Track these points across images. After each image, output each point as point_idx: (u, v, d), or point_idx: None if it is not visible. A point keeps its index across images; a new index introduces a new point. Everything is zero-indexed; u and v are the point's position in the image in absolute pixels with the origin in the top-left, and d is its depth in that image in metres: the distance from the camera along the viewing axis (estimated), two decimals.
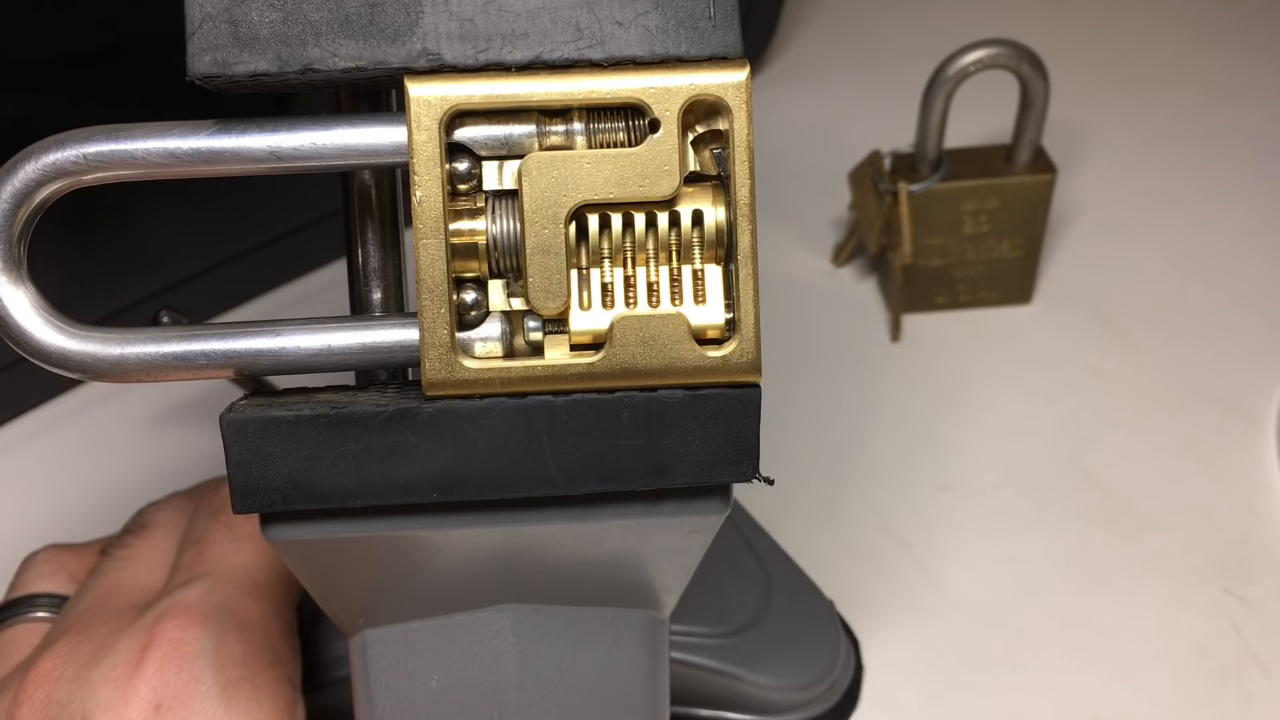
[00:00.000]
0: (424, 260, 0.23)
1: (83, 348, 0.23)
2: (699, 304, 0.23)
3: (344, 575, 0.26)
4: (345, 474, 0.23)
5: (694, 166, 0.24)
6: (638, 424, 0.23)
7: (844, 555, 0.45)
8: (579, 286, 0.23)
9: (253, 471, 0.23)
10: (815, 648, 0.40)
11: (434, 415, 0.23)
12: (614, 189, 0.23)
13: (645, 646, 0.28)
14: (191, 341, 0.23)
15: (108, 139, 0.23)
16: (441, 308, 0.23)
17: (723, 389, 0.23)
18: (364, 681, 0.28)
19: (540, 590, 0.27)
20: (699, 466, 0.24)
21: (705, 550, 0.27)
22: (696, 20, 0.23)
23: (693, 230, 0.23)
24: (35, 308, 0.23)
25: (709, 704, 0.39)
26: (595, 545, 0.26)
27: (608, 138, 0.23)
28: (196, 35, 0.22)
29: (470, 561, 0.26)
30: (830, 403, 0.52)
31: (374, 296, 0.28)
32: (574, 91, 0.23)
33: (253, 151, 0.23)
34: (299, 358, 0.24)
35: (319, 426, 0.23)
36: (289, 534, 0.24)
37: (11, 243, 0.23)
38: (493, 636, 0.27)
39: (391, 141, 0.23)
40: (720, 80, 0.23)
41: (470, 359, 0.23)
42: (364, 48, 0.23)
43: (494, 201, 0.23)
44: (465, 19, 0.23)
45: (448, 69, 0.23)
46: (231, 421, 0.23)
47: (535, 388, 0.23)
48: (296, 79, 0.23)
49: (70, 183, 0.23)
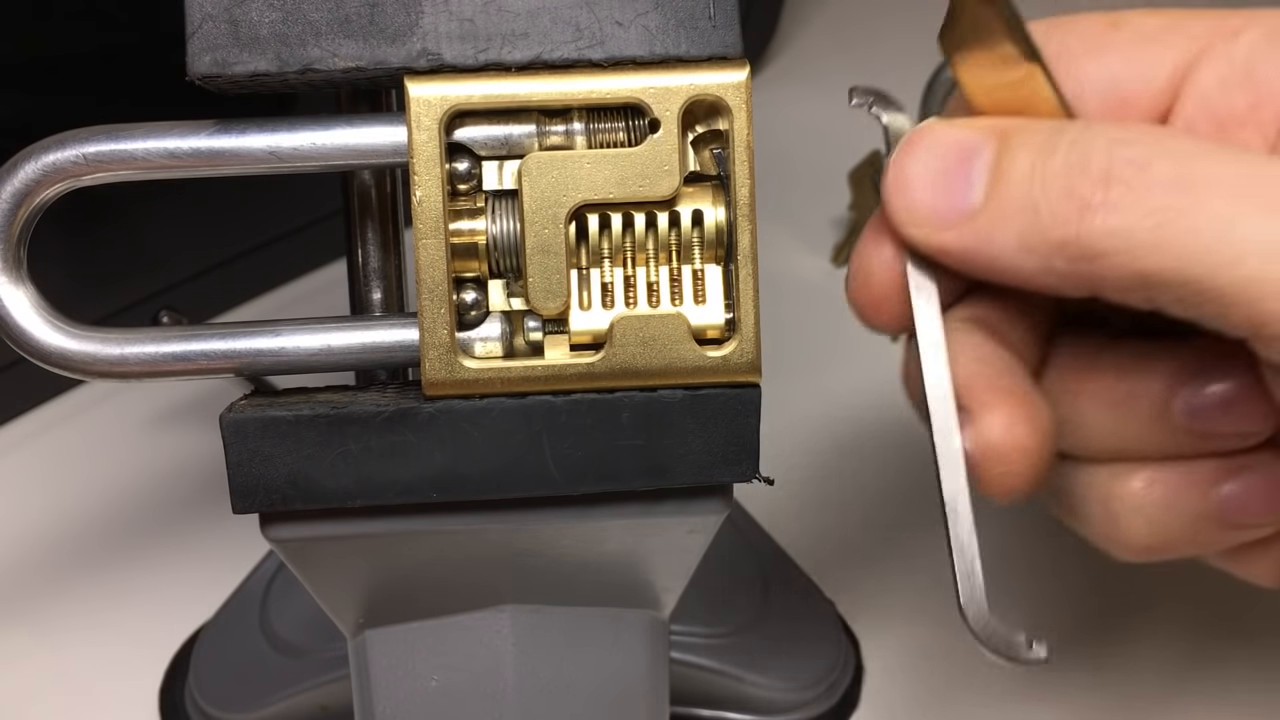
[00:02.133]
0: (424, 260, 0.23)
1: (83, 348, 0.23)
2: (699, 304, 0.23)
3: (344, 575, 0.26)
4: (345, 474, 0.23)
5: (694, 166, 0.24)
6: (638, 424, 0.23)
7: (844, 555, 0.45)
8: (579, 286, 0.23)
9: (253, 471, 0.23)
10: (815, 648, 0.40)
11: (434, 415, 0.23)
12: (614, 189, 0.23)
13: (645, 646, 0.28)
14: (191, 341, 0.23)
15: (107, 139, 0.23)
16: (441, 308, 0.23)
17: (723, 389, 0.23)
18: (364, 681, 0.28)
19: (540, 590, 0.27)
20: (699, 466, 0.24)
21: (705, 550, 0.27)
22: (696, 20, 0.23)
23: (693, 230, 0.23)
24: (35, 308, 0.23)
25: (709, 704, 0.39)
26: (595, 545, 0.26)
27: (608, 138, 0.23)
28: (196, 35, 0.22)
29: (470, 561, 0.26)
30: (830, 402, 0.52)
31: (374, 296, 0.28)
32: (574, 91, 0.23)
33: (253, 151, 0.23)
34: (299, 358, 0.24)
35: (319, 426, 0.23)
36: (289, 534, 0.24)
37: (11, 243, 0.23)
38: (493, 636, 0.27)
39: (391, 141, 0.23)
40: (720, 80, 0.23)
41: (470, 359, 0.23)
42: (364, 48, 0.23)
43: (494, 201, 0.23)
44: (465, 19, 0.23)
45: (448, 69, 0.23)
46: (231, 421, 0.23)
47: (535, 388, 0.23)
48: (296, 79, 0.23)
49: (70, 183, 0.23)
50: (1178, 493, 0.26)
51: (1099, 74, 0.26)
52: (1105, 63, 0.26)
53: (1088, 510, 0.27)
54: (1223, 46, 0.26)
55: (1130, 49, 0.26)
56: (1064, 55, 0.27)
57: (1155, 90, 0.26)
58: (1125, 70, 0.26)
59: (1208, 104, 0.26)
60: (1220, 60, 0.26)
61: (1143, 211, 0.22)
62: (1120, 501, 0.27)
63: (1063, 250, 0.22)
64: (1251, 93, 0.25)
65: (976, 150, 0.24)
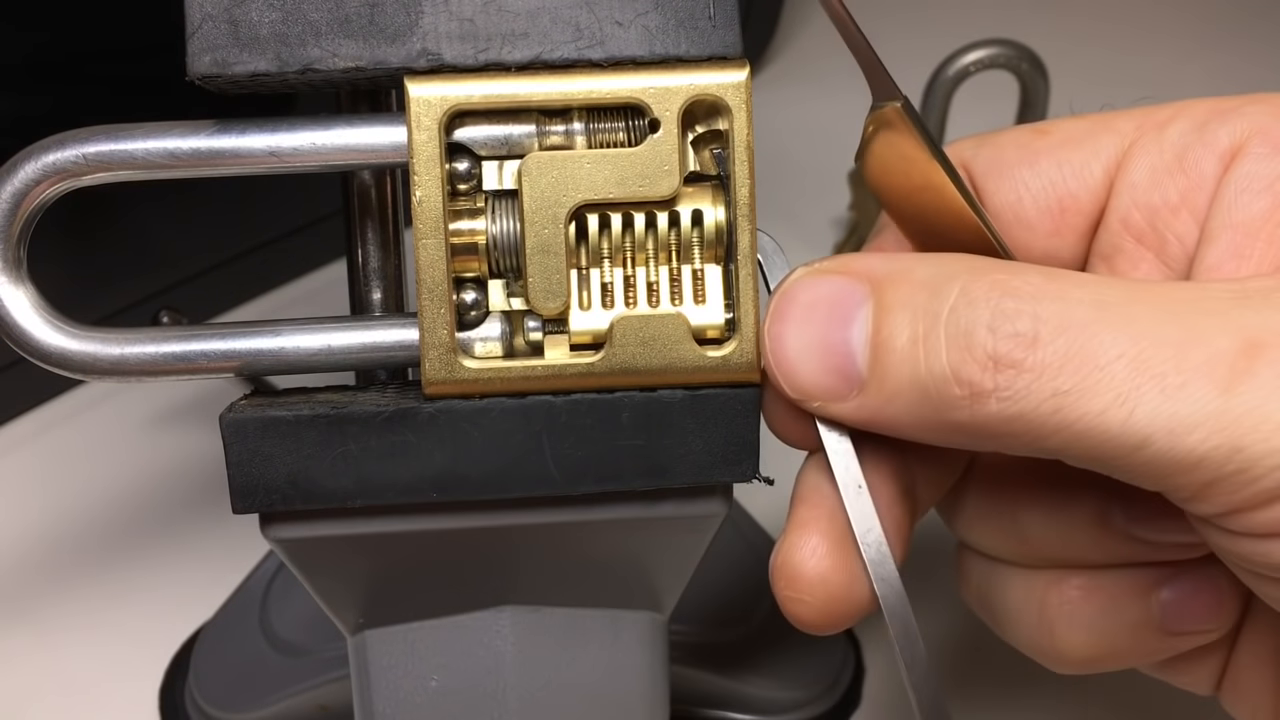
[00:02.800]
0: (424, 260, 0.23)
1: (83, 348, 0.23)
2: (699, 304, 0.23)
3: (344, 575, 0.26)
4: (345, 474, 0.23)
5: (694, 166, 0.24)
6: (638, 424, 0.23)
7: None
8: (579, 286, 0.23)
9: (252, 471, 0.23)
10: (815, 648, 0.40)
11: (434, 415, 0.23)
12: (614, 189, 0.23)
13: (645, 646, 0.28)
14: (191, 341, 0.23)
15: (108, 139, 0.23)
16: (441, 308, 0.23)
17: (723, 389, 0.23)
18: (364, 681, 0.28)
19: (540, 590, 0.27)
20: (699, 466, 0.24)
21: (705, 550, 0.27)
22: (696, 20, 0.23)
23: (692, 230, 0.23)
24: (35, 308, 0.23)
25: (709, 704, 0.39)
26: (595, 545, 0.26)
27: (608, 138, 0.23)
28: (196, 35, 0.22)
29: (470, 561, 0.26)
30: None
31: (374, 296, 0.28)
32: (574, 91, 0.23)
33: (253, 151, 0.23)
34: (299, 358, 0.24)
35: (319, 426, 0.23)
36: (289, 534, 0.24)
37: (11, 243, 0.23)
38: (493, 636, 0.27)
39: (391, 141, 0.23)
40: (720, 80, 0.23)
41: (470, 359, 0.23)
42: (364, 48, 0.23)
43: (494, 201, 0.23)
44: (465, 19, 0.23)
45: (448, 69, 0.23)
46: (231, 421, 0.23)
47: (535, 387, 0.23)
48: (296, 79, 0.23)
49: (70, 183, 0.23)
50: (1115, 600, 0.26)
51: (1034, 180, 0.26)
52: (1039, 169, 0.26)
53: (1022, 619, 0.27)
54: (1152, 137, 0.25)
55: (1061, 152, 0.26)
56: (999, 165, 0.26)
57: (1091, 189, 0.26)
58: (1059, 173, 0.26)
59: (1138, 195, 0.25)
60: (1150, 152, 0.25)
61: (1037, 399, 0.20)
62: (1056, 609, 0.26)
63: (959, 430, 0.22)
64: (1182, 179, 0.25)
65: (851, 313, 0.22)
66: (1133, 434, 0.20)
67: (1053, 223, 0.26)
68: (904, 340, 0.21)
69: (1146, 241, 0.26)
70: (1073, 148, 0.26)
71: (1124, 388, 0.20)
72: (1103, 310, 0.21)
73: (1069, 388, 0.20)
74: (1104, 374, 0.20)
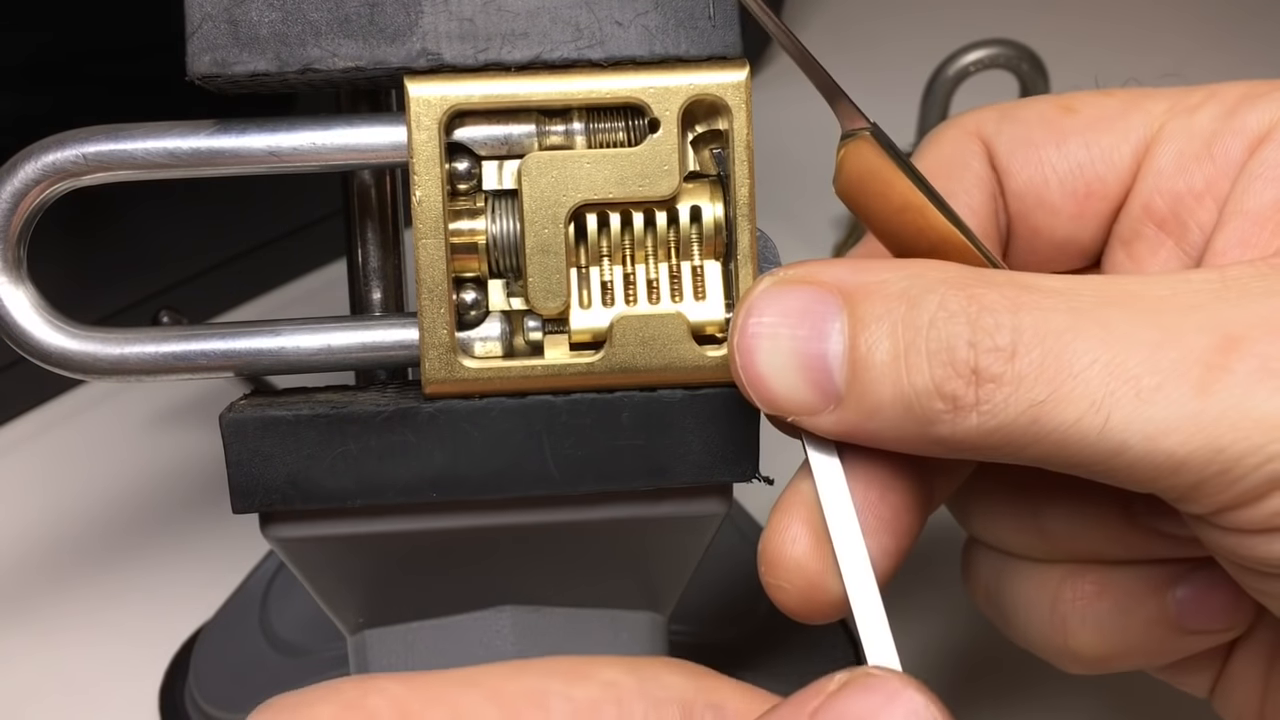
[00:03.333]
0: (424, 260, 0.23)
1: (83, 348, 0.23)
2: (699, 300, 0.23)
3: (344, 575, 0.26)
4: (345, 474, 0.23)
5: (694, 166, 0.24)
6: (637, 424, 0.23)
7: None
8: (579, 285, 0.23)
9: (252, 471, 0.23)
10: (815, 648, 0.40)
11: (434, 415, 0.23)
12: (614, 188, 0.23)
13: (645, 646, 0.28)
14: (191, 341, 0.23)
15: (108, 139, 0.23)
16: (441, 307, 0.23)
17: (723, 388, 0.23)
18: None
19: (540, 590, 0.27)
20: (699, 466, 0.24)
21: (705, 550, 0.27)
22: (696, 20, 0.23)
23: (691, 226, 0.23)
24: (35, 308, 0.23)
25: None
26: (595, 545, 0.26)
27: (607, 137, 0.23)
28: (196, 35, 0.22)
29: (470, 562, 0.26)
30: None
31: (374, 296, 0.28)
32: (574, 91, 0.23)
33: (253, 151, 0.23)
34: (299, 358, 0.24)
35: (319, 426, 0.23)
36: (289, 533, 0.24)
37: (11, 243, 0.23)
38: (493, 636, 0.27)
39: (391, 141, 0.23)
40: (720, 80, 0.23)
41: (470, 359, 0.23)
42: (364, 48, 0.23)
43: (494, 201, 0.23)
44: (465, 19, 0.23)
45: (447, 69, 0.23)
46: (231, 421, 0.23)
47: (535, 387, 0.23)
48: (296, 79, 0.23)
49: (70, 183, 0.23)
50: (1131, 597, 0.26)
51: (1061, 163, 0.26)
52: (1066, 150, 0.26)
53: (1034, 616, 0.26)
54: (1181, 122, 0.25)
55: (1090, 133, 0.26)
56: (1024, 144, 0.26)
57: (1118, 173, 0.26)
58: (1086, 155, 0.26)
59: (1163, 182, 0.25)
60: (1179, 137, 0.25)
61: (1016, 409, 0.20)
62: (1070, 605, 0.26)
63: (939, 443, 0.21)
64: (1209, 165, 0.25)
65: (823, 326, 0.22)
66: (1109, 441, 0.20)
67: (1077, 206, 0.26)
68: (884, 354, 0.21)
69: (1168, 228, 0.25)
70: (1103, 129, 0.26)
71: (1098, 394, 0.20)
72: (1077, 316, 0.20)
73: (1044, 397, 0.20)
74: (1078, 381, 0.20)
